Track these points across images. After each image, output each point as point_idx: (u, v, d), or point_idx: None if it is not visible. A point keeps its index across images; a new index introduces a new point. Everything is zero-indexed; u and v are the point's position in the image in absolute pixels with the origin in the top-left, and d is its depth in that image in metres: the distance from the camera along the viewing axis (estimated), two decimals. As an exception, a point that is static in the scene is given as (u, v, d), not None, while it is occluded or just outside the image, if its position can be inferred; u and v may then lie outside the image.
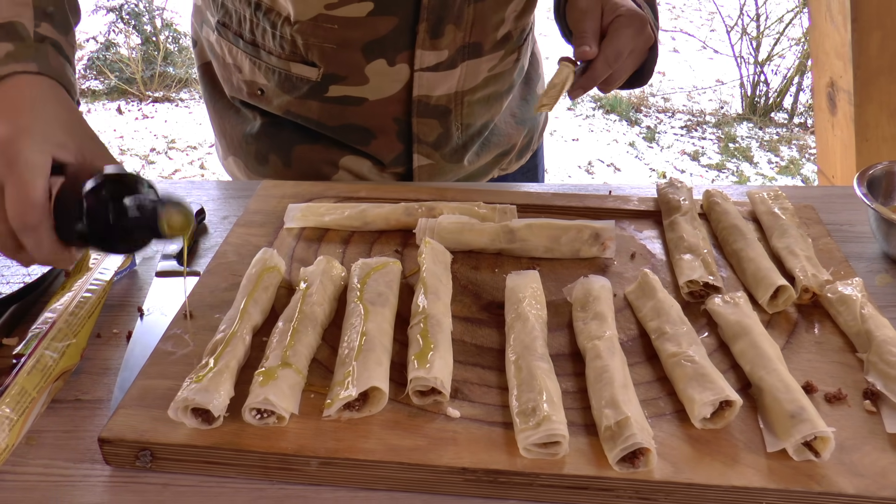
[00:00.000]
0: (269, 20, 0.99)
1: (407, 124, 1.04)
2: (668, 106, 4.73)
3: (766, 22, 4.61)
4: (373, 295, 0.73)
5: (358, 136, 1.05)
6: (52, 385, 0.68)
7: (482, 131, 1.10)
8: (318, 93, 1.02)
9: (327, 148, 1.07)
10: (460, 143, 1.08)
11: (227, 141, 1.14)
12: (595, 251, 0.85)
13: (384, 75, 0.99)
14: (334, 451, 0.59)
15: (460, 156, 1.10)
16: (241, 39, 1.04)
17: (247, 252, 0.84)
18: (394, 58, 0.98)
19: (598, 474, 0.58)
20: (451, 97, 1.03)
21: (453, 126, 1.06)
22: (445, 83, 1.01)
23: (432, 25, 0.95)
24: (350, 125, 1.04)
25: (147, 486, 0.60)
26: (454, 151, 1.09)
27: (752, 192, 0.95)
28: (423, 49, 0.97)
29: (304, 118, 1.05)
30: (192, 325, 0.74)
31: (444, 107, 1.03)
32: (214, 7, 1.05)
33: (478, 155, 1.12)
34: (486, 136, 1.12)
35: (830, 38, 1.67)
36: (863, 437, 0.62)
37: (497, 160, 1.16)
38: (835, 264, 0.84)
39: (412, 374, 0.63)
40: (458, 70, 1.01)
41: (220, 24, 1.06)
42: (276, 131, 1.08)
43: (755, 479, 0.58)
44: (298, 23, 0.96)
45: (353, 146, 1.07)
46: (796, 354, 0.71)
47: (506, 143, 1.15)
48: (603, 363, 0.65)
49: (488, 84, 1.06)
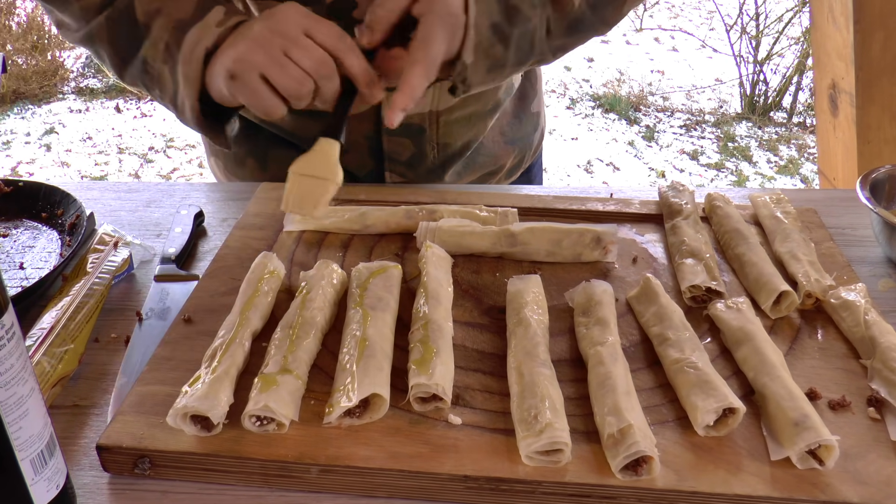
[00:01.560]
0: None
1: (378, 142, 1.03)
2: (667, 105, 4.73)
3: (766, 21, 4.61)
4: (373, 300, 0.72)
5: None
6: (50, 391, 0.68)
7: (463, 151, 1.07)
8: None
9: (296, 154, 1.06)
10: (437, 162, 1.06)
11: (209, 142, 1.13)
12: (597, 255, 0.84)
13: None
14: (335, 459, 0.59)
15: (438, 175, 1.07)
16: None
17: (246, 256, 0.84)
18: None
19: (600, 482, 0.58)
20: (424, 116, 1.01)
21: (427, 146, 1.04)
22: (418, 103, 0.98)
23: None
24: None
25: (146, 493, 0.60)
26: (430, 171, 1.06)
27: (755, 196, 0.95)
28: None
29: (278, 128, 1.05)
30: (191, 329, 0.73)
31: (417, 126, 1.01)
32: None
33: (459, 175, 1.10)
34: (470, 156, 1.09)
35: (832, 39, 1.67)
36: (867, 445, 0.61)
37: (483, 179, 1.13)
38: (837, 269, 0.83)
39: (413, 381, 0.63)
40: (431, 90, 0.98)
41: None
42: (254, 135, 1.08)
43: (759, 487, 0.57)
44: None
45: None
46: (799, 360, 0.71)
47: (492, 164, 1.12)
48: (605, 370, 0.65)
49: (468, 104, 1.03)
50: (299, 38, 0.74)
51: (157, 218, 0.99)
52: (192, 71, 0.78)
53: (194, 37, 0.78)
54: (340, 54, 0.74)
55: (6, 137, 4.11)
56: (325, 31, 0.74)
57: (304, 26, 0.74)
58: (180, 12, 0.80)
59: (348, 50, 0.74)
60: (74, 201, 0.94)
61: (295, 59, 0.73)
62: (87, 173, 3.78)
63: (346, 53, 0.74)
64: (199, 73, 0.78)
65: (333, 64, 0.74)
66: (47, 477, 0.54)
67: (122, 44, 0.83)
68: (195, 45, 0.78)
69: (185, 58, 0.78)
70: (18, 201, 0.97)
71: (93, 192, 1.05)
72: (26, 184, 0.98)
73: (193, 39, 0.78)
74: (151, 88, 0.84)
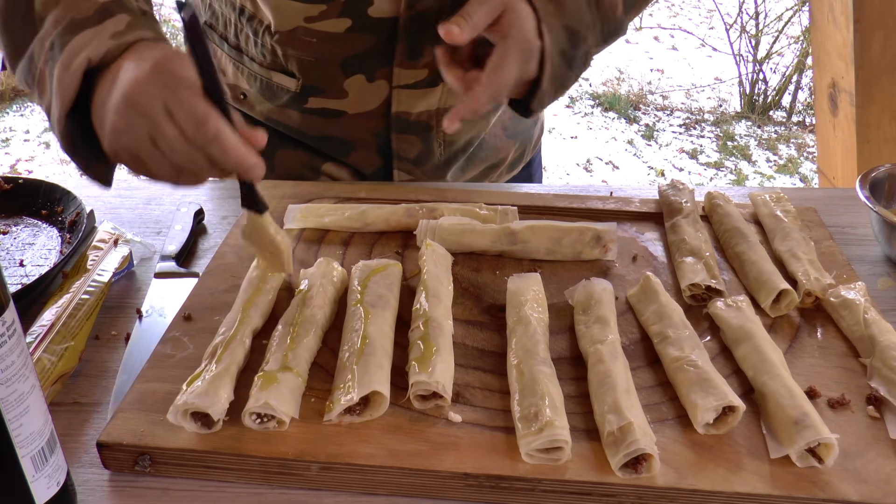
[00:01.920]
0: (252, 27, 0.97)
1: (386, 139, 1.03)
2: (667, 104, 4.73)
3: (765, 20, 4.61)
4: (373, 297, 0.72)
5: (338, 147, 1.04)
6: (51, 388, 0.68)
7: (467, 147, 1.08)
8: (297, 103, 1.01)
9: (309, 154, 1.06)
10: (442, 159, 1.06)
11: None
12: (597, 253, 0.85)
13: (363, 90, 0.98)
14: (335, 456, 0.59)
15: (443, 171, 1.08)
16: (225, 43, 1.03)
17: (246, 254, 0.84)
18: (373, 74, 0.96)
19: (600, 480, 0.58)
20: (431, 114, 1.01)
21: (434, 143, 1.04)
22: (425, 101, 0.99)
23: (410, 47, 0.93)
24: (330, 136, 1.03)
25: (146, 490, 0.60)
26: (436, 168, 1.07)
27: (755, 195, 0.95)
28: (400, 67, 0.95)
29: (285, 126, 1.05)
30: (192, 327, 0.73)
31: (424, 123, 1.01)
32: (203, 6, 1.04)
33: (462, 171, 1.10)
34: (473, 152, 1.10)
35: (832, 38, 1.67)
36: (867, 444, 0.61)
37: (485, 173, 1.14)
38: (837, 268, 0.83)
39: (414, 379, 0.63)
40: (439, 88, 0.99)
41: (207, 24, 1.05)
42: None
43: (758, 485, 0.57)
44: (279, 33, 0.94)
45: (333, 157, 1.06)
46: (799, 359, 0.71)
47: (494, 157, 1.13)
48: (605, 368, 0.65)
49: None
50: (162, 125, 0.62)
51: (157, 215, 0.99)
52: (69, 81, 0.66)
53: (80, 42, 0.67)
54: (202, 146, 0.62)
55: (5, 135, 4.10)
56: (183, 116, 0.62)
57: (167, 105, 0.62)
58: (78, 10, 0.69)
59: (210, 142, 0.62)
60: (74, 199, 0.94)
61: (162, 149, 0.63)
62: (87, 171, 3.77)
63: (208, 146, 0.62)
64: (75, 86, 0.66)
65: (200, 155, 0.63)
66: (48, 474, 0.54)
67: (15, 33, 0.73)
68: (78, 52, 0.66)
69: (64, 63, 0.67)
70: (18, 198, 0.97)
71: (93, 189, 1.04)
72: (26, 181, 0.98)
73: (79, 44, 0.67)
74: (32, 90, 0.73)
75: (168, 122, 0.62)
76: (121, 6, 0.70)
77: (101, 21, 0.68)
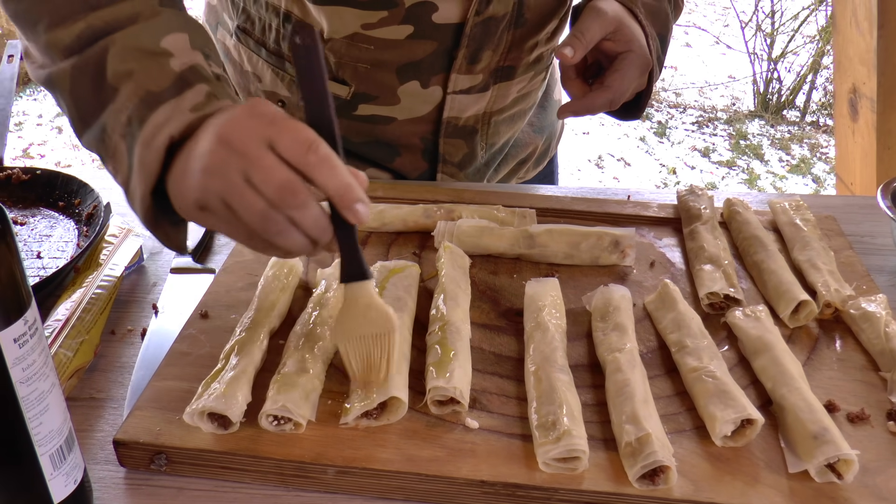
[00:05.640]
0: None
1: (434, 144, 1.02)
2: (680, 101, 4.71)
3: (781, 19, 4.57)
4: (391, 300, 0.72)
5: (383, 153, 1.03)
6: (67, 382, 0.68)
7: (504, 148, 1.09)
8: (346, 110, 0.99)
9: (350, 160, 1.05)
10: (483, 161, 1.07)
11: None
12: (615, 259, 0.84)
13: (416, 96, 0.97)
14: (351, 460, 0.59)
15: (483, 173, 1.08)
16: (263, 48, 1.00)
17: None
18: (428, 80, 0.95)
19: (617, 490, 0.57)
20: (478, 118, 1.01)
21: (478, 146, 1.04)
22: (476, 105, 0.99)
23: (472, 52, 0.92)
24: (376, 142, 1.02)
25: (162, 489, 0.60)
26: (477, 171, 1.07)
27: (774, 202, 0.94)
28: (458, 73, 0.94)
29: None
30: (208, 325, 0.73)
31: (471, 127, 1.01)
32: (234, 10, 1.01)
33: (497, 171, 1.11)
34: (507, 151, 1.11)
35: (854, 43, 1.65)
36: (887, 460, 0.61)
37: (515, 169, 1.14)
38: (857, 279, 0.83)
39: (431, 384, 0.63)
40: (490, 92, 0.99)
41: (239, 29, 1.01)
42: None
43: (776, 499, 0.57)
44: (332, 40, 0.92)
45: (376, 162, 1.05)
46: (818, 371, 0.70)
47: (524, 153, 1.13)
48: (624, 377, 0.64)
49: (516, 104, 1.04)
50: (260, 156, 0.56)
51: (173, 209, 0.98)
52: (151, 159, 0.62)
53: (161, 117, 0.62)
54: (309, 170, 0.56)
55: (18, 119, 4.11)
56: (288, 141, 0.56)
57: (267, 136, 0.57)
58: (155, 81, 0.64)
59: (319, 163, 0.56)
60: (92, 191, 0.94)
61: (256, 183, 0.56)
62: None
63: (315, 168, 0.56)
64: (158, 164, 0.62)
65: (301, 185, 0.56)
66: (65, 472, 0.54)
67: (84, 101, 0.67)
68: (160, 128, 0.62)
69: (144, 140, 0.62)
70: (35, 189, 0.97)
71: (106, 181, 1.04)
72: (44, 172, 0.98)
73: (160, 121, 0.62)
74: (106, 162, 0.68)
75: (267, 153, 0.56)
76: (197, 75, 0.65)
77: (180, 93, 0.64)
